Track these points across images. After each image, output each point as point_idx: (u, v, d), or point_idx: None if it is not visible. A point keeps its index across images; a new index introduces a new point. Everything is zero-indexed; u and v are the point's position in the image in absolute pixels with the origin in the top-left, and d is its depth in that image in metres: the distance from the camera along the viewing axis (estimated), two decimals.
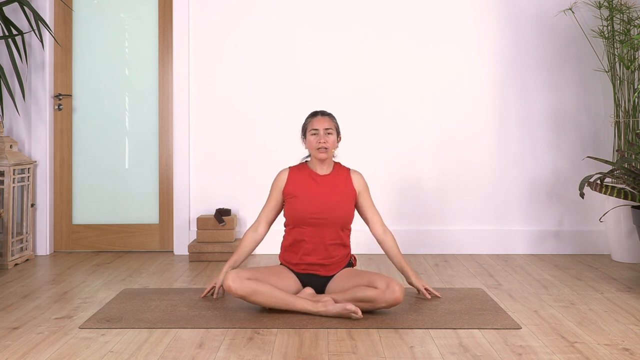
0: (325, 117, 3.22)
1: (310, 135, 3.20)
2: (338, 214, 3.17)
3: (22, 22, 4.60)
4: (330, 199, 3.18)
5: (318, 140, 3.18)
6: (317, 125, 3.19)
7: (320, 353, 2.57)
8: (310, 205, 3.17)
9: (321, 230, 3.16)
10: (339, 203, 3.19)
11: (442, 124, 4.68)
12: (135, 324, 2.95)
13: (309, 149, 3.24)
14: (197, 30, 4.70)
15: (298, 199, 3.19)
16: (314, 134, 3.19)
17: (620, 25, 4.44)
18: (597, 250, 4.63)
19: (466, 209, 4.68)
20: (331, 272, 3.21)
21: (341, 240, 3.21)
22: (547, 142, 4.68)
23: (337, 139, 3.25)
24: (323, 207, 3.16)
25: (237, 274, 3.05)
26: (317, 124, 3.20)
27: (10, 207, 4.26)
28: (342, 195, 3.21)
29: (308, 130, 3.22)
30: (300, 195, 3.19)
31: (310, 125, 3.22)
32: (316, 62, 4.70)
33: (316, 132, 3.19)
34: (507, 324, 2.92)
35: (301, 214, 3.17)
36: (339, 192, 3.20)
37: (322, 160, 3.21)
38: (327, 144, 3.18)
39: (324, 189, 3.20)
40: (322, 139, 3.17)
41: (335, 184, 3.22)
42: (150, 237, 4.78)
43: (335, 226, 3.18)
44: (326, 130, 3.19)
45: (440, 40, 4.69)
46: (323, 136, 3.18)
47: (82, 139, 4.80)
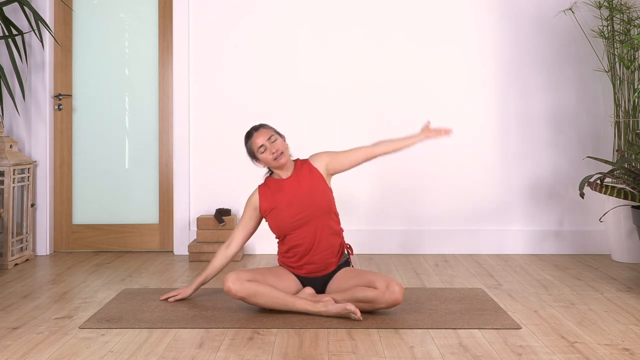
0: (261, 130, 3.23)
1: (260, 154, 3.20)
2: (317, 202, 3.17)
3: (22, 22, 4.60)
4: (304, 193, 3.18)
5: (269, 152, 3.18)
6: (260, 141, 3.19)
7: (320, 353, 2.57)
8: (290, 209, 3.17)
9: (310, 227, 3.15)
10: (313, 192, 3.18)
11: (442, 124, 4.68)
12: (135, 324, 2.95)
13: (266, 165, 3.24)
14: (197, 30, 4.70)
15: (276, 210, 3.19)
16: (263, 151, 3.19)
17: (620, 25, 4.44)
18: (597, 250, 4.63)
19: (466, 209, 4.68)
20: (330, 268, 3.21)
21: (331, 229, 3.19)
22: (547, 142, 4.68)
23: (282, 139, 3.25)
24: (301, 204, 3.16)
25: (236, 275, 3.05)
26: (259, 140, 3.20)
27: (10, 207, 4.26)
28: (312, 184, 3.20)
29: (255, 152, 3.21)
30: (277, 206, 3.20)
31: (253, 145, 3.21)
32: (316, 62, 4.70)
33: (263, 147, 3.19)
34: (507, 324, 2.92)
35: (285, 222, 3.17)
36: (308, 183, 3.20)
37: (284, 165, 3.21)
38: (279, 149, 3.18)
39: (294, 188, 3.20)
40: (272, 148, 3.18)
41: (302, 178, 3.22)
42: (150, 237, 4.78)
43: (320, 215, 3.16)
44: (270, 140, 3.19)
45: (440, 40, 4.69)
46: (271, 146, 3.18)
47: (82, 139, 4.80)
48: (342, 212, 4.64)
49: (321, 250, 3.16)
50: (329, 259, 3.19)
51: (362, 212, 4.69)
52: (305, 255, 3.17)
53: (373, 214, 4.70)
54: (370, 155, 3.31)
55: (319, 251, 3.16)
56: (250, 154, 3.26)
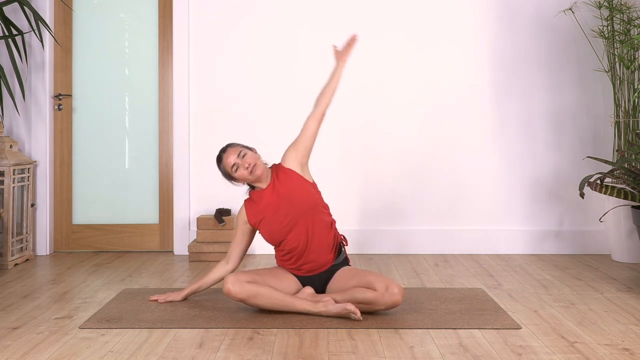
0: (229, 150, 3.21)
1: (234, 173, 3.18)
2: (300, 201, 3.15)
3: (22, 22, 4.60)
4: (285, 197, 3.16)
5: (243, 168, 3.16)
6: (231, 160, 3.17)
7: (320, 353, 2.57)
8: (276, 216, 3.16)
9: (300, 227, 3.15)
10: (294, 193, 3.17)
11: (442, 124, 4.68)
12: (135, 324, 2.95)
13: (244, 182, 3.23)
14: (197, 30, 4.70)
15: (264, 220, 3.19)
16: (237, 169, 3.17)
17: (620, 25, 4.43)
18: (597, 250, 4.63)
19: (466, 208, 4.68)
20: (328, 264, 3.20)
21: (322, 222, 3.18)
22: (547, 142, 4.68)
23: (252, 151, 3.23)
24: (285, 208, 3.15)
25: (236, 277, 3.06)
26: (230, 159, 3.18)
27: (10, 207, 4.26)
28: (290, 185, 3.19)
29: (230, 172, 3.19)
30: (264, 216, 3.19)
31: (226, 167, 3.19)
32: (316, 62, 4.69)
33: (235, 165, 3.17)
34: (507, 324, 2.92)
35: (275, 230, 3.17)
36: (287, 186, 3.19)
37: (260, 176, 3.20)
38: (251, 162, 3.16)
39: (275, 195, 3.19)
40: (244, 164, 3.16)
41: (280, 183, 3.20)
42: (150, 237, 4.78)
43: (307, 213, 3.15)
44: (240, 156, 3.17)
45: (440, 40, 4.69)
46: (242, 162, 3.16)
47: (82, 139, 4.80)
48: (342, 212, 4.64)
49: (316, 247, 3.15)
50: (325, 255, 3.18)
51: (362, 212, 4.69)
52: (302, 256, 3.17)
53: (373, 213, 4.69)
54: (319, 116, 3.29)
55: (314, 248, 3.15)
56: (226, 177, 3.25)
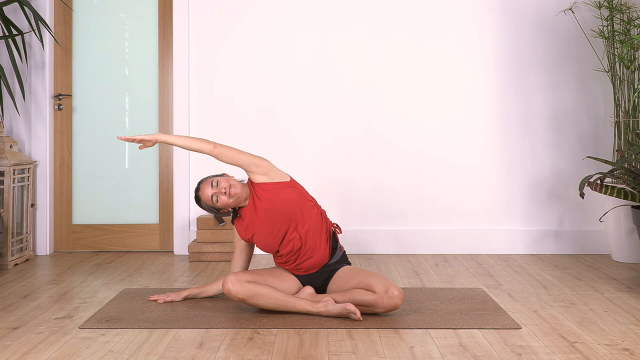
0: (202, 185, 3.18)
1: (216, 203, 3.14)
2: (281, 206, 3.13)
3: (22, 22, 4.60)
4: (267, 207, 3.15)
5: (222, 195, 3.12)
6: (208, 192, 3.15)
7: (320, 353, 2.57)
8: (266, 228, 3.16)
9: (292, 233, 3.15)
10: (272, 200, 3.14)
11: (442, 124, 4.68)
12: (135, 324, 2.95)
13: (228, 208, 3.21)
14: (197, 30, 4.70)
15: (256, 235, 3.20)
16: (217, 199, 3.13)
17: (620, 25, 4.44)
18: (597, 250, 4.63)
19: (466, 208, 4.68)
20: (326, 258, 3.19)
21: (312, 217, 3.17)
22: (547, 142, 4.68)
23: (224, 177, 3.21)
24: (271, 218, 3.15)
25: (236, 276, 3.06)
26: (207, 192, 3.15)
27: (10, 207, 4.26)
28: (266, 195, 3.16)
29: (212, 204, 3.16)
30: (254, 232, 3.20)
31: (206, 201, 3.16)
32: (316, 62, 4.70)
33: (214, 195, 3.13)
34: (507, 324, 2.92)
35: (269, 241, 3.18)
36: (265, 198, 3.16)
37: (240, 195, 3.16)
38: (225, 185, 3.13)
39: (259, 210, 3.18)
40: (221, 190, 3.12)
41: (257, 196, 3.19)
42: (150, 237, 4.78)
43: (293, 215, 3.14)
44: (213, 187, 3.14)
45: (441, 40, 4.69)
46: (219, 189, 3.13)
47: (82, 139, 4.80)
48: (342, 211, 4.64)
49: (311, 243, 3.15)
50: (322, 248, 3.17)
51: (361, 212, 4.69)
52: (299, 256, 3.17)
53: (373, 213, 4.69)
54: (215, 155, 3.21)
55: (309, 244, 3.15)
56: (211, 211, 3.23)
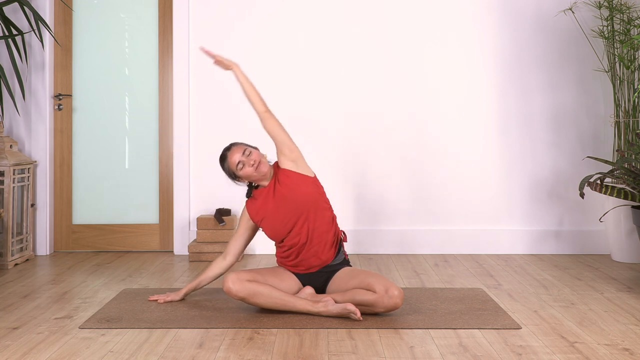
0: (233, 148, 3.19)
1: (239, 171, 3.16)
2: (299, 199, 3.15)
3: (22, 22, 4.60)
4: (286, 194, 3.17)
5: (248, 166, 3.14)
6: (237, 158, 3.16)
7: (320, 353, 2.57)
8: (278, 214, 3.17)
9: (301, 225, 3.15)
10: (293, 189, 3.17)
11: (442, 124, 4.68)
12: (135, 324, 2.95)
13: (248, 180, 3.21)
14: (197, 30, 4.70)
15: (267, 219, 3.20)
16: (242, 167, 3.15)
17: (620, 25, 4.43)
18: (597, 250, 4.63)
19: (466, 208, 4.68)
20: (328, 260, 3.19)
21: (324, 218, 3.18)
22: (547, 142, 4.68)
23: (257, 150, 3.22)
24: (287, 205, 3.16)
25: (236, 275, 3.06)
26: (235, 157, 3.16)
27: (10, 207, 4.26)
28: (289, 182, 3.18)
29: (235, 170, 3.17)
30: (266, 215, 3.20)
31: (231, 165, 3.17)
32: (316, 62, 4.69)
33: (241, 163, 3.15)
34: (507, 324, 2.92)
35: (278, 227, 3.18)
36: (286, 183, 3.19)
37: (266, 174, 3.19)
38: (256, 159, 3.15)
39: (277, 194, 3.19)
40: (250, 161, 3.14)
41: (280, 181, 3.20)
42: (150, 237, 4.77)
43: (308, 212, 3.15)
44: (244, 155, 3.16)
45: (441, 40, 4.69)
46: (248, 160, 3.15)
47: (82, 139, 4.80)
48: (342, 211, 4.64)
49: (317, 242, 3.16)
50: (326, 251, 3.18)
51: (362, 212, 4.69)
52: (302, 251, 3.17)
53: (373, 213, 4.69)
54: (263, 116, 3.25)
55: (315, 243, 3.15)
56: (230, 175, 3.23)
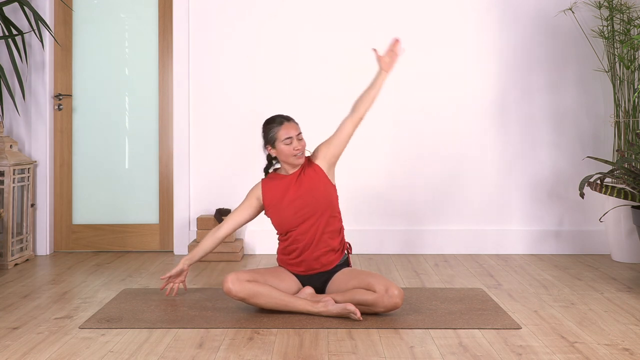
0: (293, 123, 3.18)
1: (282, 145, 3.14)
2: (319, 199, 3.15)
3: (22, 22, 4.60)
4: (307, 190, 3.16)
5: (294, 147, 3.14)
6: (291, 133, 3.15)
7: (320, 353, 2.57)
8: (292, 206, 3.16)
9: (311, 224, 3.15)
10: (315, 189, 3.17)
11: (442, 124, 4.68)
12: (135, 324, 2.95)
13: (280, 157, 3.19)
14: (197, 30, 4.70)
15: (279, 207, 3.18)
16: (289, 143, 3.14)
17: (620, 25, 4.44)
18: (597, 250, 4.63)
19: (466, 208, 4.68)
20: (330, 265, 3.20)
21: (332, 227, 3.19)
22: (547, 142, 4.68)
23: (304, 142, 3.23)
24: (303, 201, 3.15)
25: (236, 275, 3.05)
26: (290, 131, 3.15)
27: (10, 207, 4.26)
28: (314, 181, 3.18)
29: (279, 140, 3.15)
30: (279, 202, 3.19)
31: (281, 134, 3.14)
32: (317, 63, 4.69)
33: (290, 139, 3.14)
34: (507, 324, 2.92)
35: (287, 219, 3.16)
36: (311, 180, 3.18)
37: (296, 165, 3.19)
38: (302, 148, 3.16)
39: (296, 184, 3.18)
40: (298, 145, 3.14)
41: (305, 176, 3.20)
42: (150, 237, 4.77)
43: (322, 213, 3.15)
44: (298, 137, 3.16)
45: (441, 40, 4.69)
46: (297, 142, 3.15)
47: (82, 139, 4.80)
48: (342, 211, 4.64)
49: (321, 247, 3.15)
50: (328, 257, 3.18)
51: (362, 212, 4.68)
52: (305, 251, 3.16)
53: (373, 213, 4.69)
54: (357, 120, 3.27)
55: (319, 248, 3.15)
56: (268, 140, 3.18)
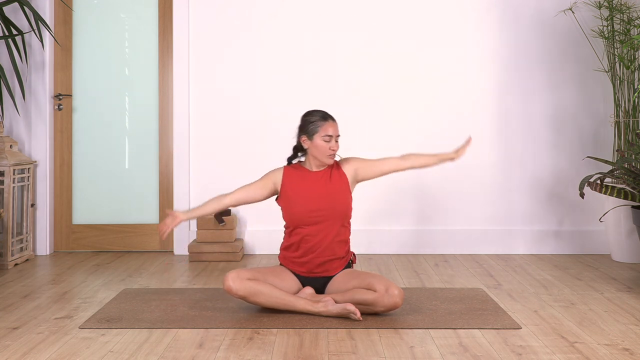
0: (335, 123, 3.18)
1: (321, 140, 3.14)
2: (337, 206, 3.15)
3: (22, 22, 4.60)
4: (327, 193, 3.16)
5: (330, 147, 3.14)
6: (332, 132, 3.14)
7: (320, 353, 2.57)
8: (309, 203, 3.15)
9: (322, 228, 3.14)
10: (336, 194, 3.16)
11: (442, 124, 4.68)
12: (135, 324, 2.95)
13: (313, 150, 3.17)
14: (197, 30, 4.70)
15: (294, 199, 3.17)
16: (327, 140, 3.14)
17: (620, 25, 4.44)
18: (597, 250, 4.63)
19: (466, 208, 4.68)
20: (332, 272, 3.20)
21: (342, 237, 3.20)
22: (547, 142, 4.68)
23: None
24: (321, 202, 3.15)
25: (237, 274, 3.05)
26: (331, 130, 3.15)
27: (10, 207, 4.26)
28: (337, 186, 3.18)
29: (319, 135, 3.14)
30: (297, 195, 3.17)
31: (323, 130, 3.14)
32: (317, 63, 4.69)
33: (329, 137, 3.14)
34: (507, 324, 2.92)
35: (300, 214, 3.15)
36: (334, 184, 3.18)
37: (324, 164, 3.19)
38: (336, 150, 3.17)
39: (319, 184, 3.18)
40: (335, 146, 3.15)
41: (329, 177, 3.20)
42: (150, 237, 4.77)
43: (335, 221, 3.15)
44: (335, 137, 3.16)
45: (441, 41, 4.69)
46: (334, 143, 3.15)
47: (82, 139, 4.80)
48: None
49: (327, 254, 3.15)
50: (332, 264, 3.19)
51: (362, 212, 4.68)
52: (311, 253, 3.16)
53: (373, 213, 4.69)
54: (399, 168, 3.27)
55: (325, 254, 3.15)
56: (306, 131, 3.17)
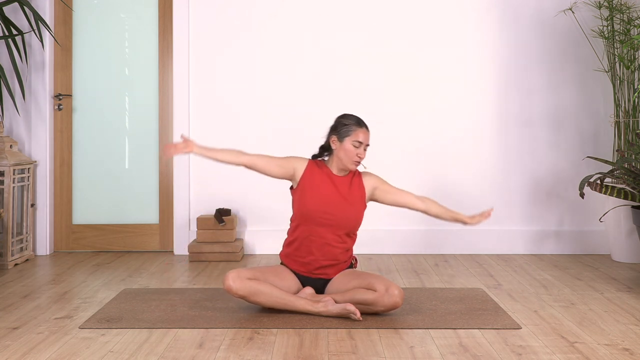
0: (368, 132, 3.17)
1: (350, 144, 3.13)
2: (349, 214, 3.15)
3: (22, 22, 4.60)
4: (343, 201, 3.15)
5: (358, 153, 3.14)
6: (362, 139, 3.14)
7: (320, 353, 2.57)
8: (323, 204, 3.14)
9: (328, 232, 3.14)
10: (351, 203, 3.16)
11: (442, 124, 4.68)
12: (135, 324, 2.95)
13: (340, 152, 3.16)
14: (197, 30, 4.70)
15: (309, 194, 3.15)
16: (358, 146, 3.13)
17: (620, 25, 4.44)
18: (597, 250, 4.63)
19: (466, 208, 4.67)
20: (332, 275, 3.21)
21: (346, 245, 3.20)
22: (547, 142, 4.68)
23: None
24: (334, 207, 3.14)
25: (237, 273, 3.04)
26: (363, 137, 3.14)
27: (10, 207, 4.26)
28: (354, 195, 3.18)
29: (350, 138, 3.13)
30: (313, 191, 3.16)
31: (354, 135, 3.13)
32: (317, 63, 4.69)
33: (359, 144, 3.14)
34: (507, 324, 2.92)
35: (312, 212, 3.13)
36: (352, 195, 3.18)
37: (348, 170, 3.19)
38: (363, 158, 3.17)
39: (338, 190, 3.17)
40: (362, 154, 3.15)
41: (349, 186, 3.19)
42: (150, 237, 4.77)
43: (343, 229, 3.15)
44: (365, 145, 3.16)
45: (441, 41, 4.69)
46: (362, 151, 3.15)
47: (82, 139, 4.80)
48: None
49: (329, 258, 3.16)
50: (333, 268, 3.19)
51: None
52: (313, 254, 3.16)
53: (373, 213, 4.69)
54: (413, 207, 3.26)
55: (327, 258, 3.15)
56: (338, 132, 3.16)
